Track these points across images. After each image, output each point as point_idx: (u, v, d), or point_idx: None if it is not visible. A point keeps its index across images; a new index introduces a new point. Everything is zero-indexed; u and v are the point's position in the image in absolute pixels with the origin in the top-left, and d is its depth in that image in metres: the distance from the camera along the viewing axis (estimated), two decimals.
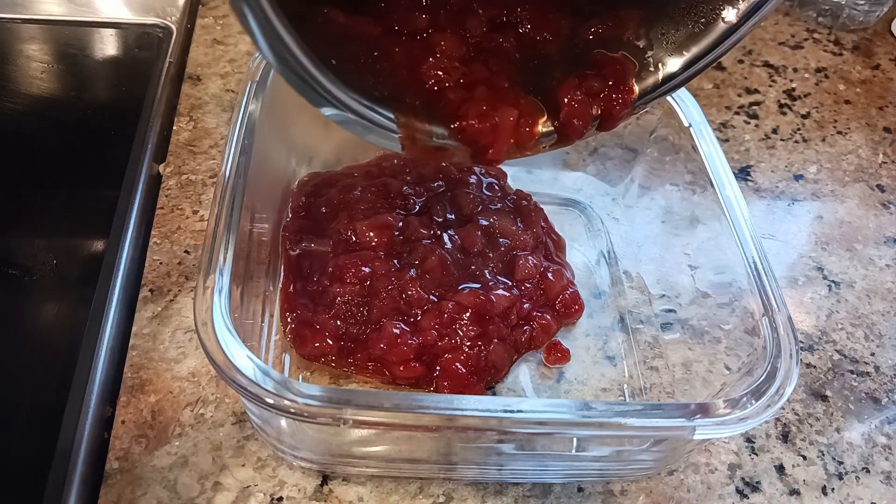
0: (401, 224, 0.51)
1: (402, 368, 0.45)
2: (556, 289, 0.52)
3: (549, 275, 0.52)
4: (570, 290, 0.52)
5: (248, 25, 0.28)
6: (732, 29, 0.36)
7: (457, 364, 0.45)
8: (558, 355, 0.49)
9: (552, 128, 0.38)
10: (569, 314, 0.52)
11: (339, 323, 0.46)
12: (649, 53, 0.39)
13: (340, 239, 0.50)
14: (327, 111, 0.33)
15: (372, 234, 0.49)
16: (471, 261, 0.51)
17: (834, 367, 0.52)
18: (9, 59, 0.67)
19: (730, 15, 0.35)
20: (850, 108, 0.74)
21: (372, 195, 0.53)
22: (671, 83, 0.39)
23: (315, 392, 0.33)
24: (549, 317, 0.50)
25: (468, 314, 0.47)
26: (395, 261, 0.49)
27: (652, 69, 0.39)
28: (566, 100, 0.37)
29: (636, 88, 0.38)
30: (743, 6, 0.35)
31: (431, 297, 0.48)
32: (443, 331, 0.46)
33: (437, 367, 0.45)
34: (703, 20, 0.37)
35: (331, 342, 0.46)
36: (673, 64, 0.38)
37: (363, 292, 0.47)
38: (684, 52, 0.38)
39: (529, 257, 0.52)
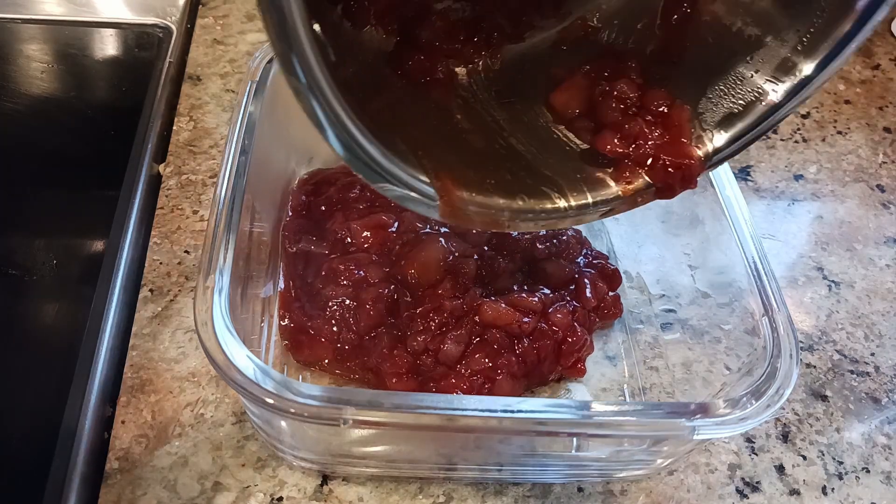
0: (395, 223, 0.49)
1: (395, 381, 0.44)
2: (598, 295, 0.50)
3: (586, 279, 0.50)
4: (611, 293, 0.51)
5: (317, 119, 0.28)
6: (774, 109, 0.35)
7: (456, 391, 0.43)
8: (570, 369, 0.48)
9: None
10: (609, 316, 0.51)
11: (334, 328, 0.46)
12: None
13: (336, 239, 0.49)
14: (381, 186, 0.33)
15: (367, 233, 0.48)
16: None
17: (834, 367, 0.52)
18: (9, 59, 0.67)
19: (769, 97, 0.35)
20: (850, 108, 0.74)
21: (371, 193, 0.53)
22: (716, 158, 0.38)
23: (315, 392, 0.33)
24: (588, 337, 0.48)
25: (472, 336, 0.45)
26: (388, 269, 0.47)
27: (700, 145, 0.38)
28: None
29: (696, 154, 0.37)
30: (782, 89, 0.34)
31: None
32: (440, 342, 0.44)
33: (433, 386, 0.44)
34: (742, 101, 0.36)
35: (327, 348, 0.46)
36: (717, 140, 0.37)
37: (357, 298, 0.46)
38: (724, 132, 0.37)
39: (560, 259, 0.50)
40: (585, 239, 0.54)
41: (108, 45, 0.70)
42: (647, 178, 0.37)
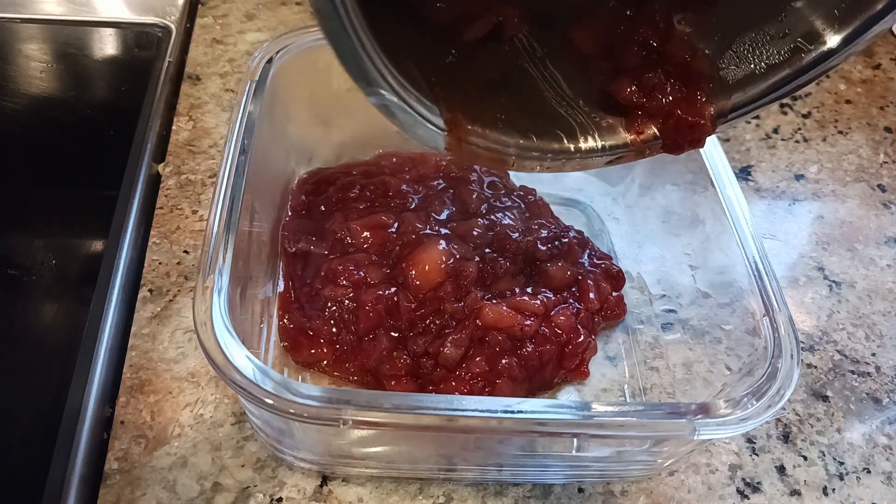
0: (395, 224, 0.49)
1: (393, 383, 0.44)
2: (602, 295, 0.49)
3: (590, 280, 0.49)
4: (615, 293, 0.51)
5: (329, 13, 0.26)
6: (795, 75, 0.34)
7: (455, 394, 0.43)
8: (574, 371, 0.47)
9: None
10: (613, 317, 0.50)
11: (333, 329, 0.45)
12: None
13: (335, 239, 0.49)
14: (374, 96, 0.31)
15: (366, 234, 0.48)
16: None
17: (835, 367, 0.52)
18: (8, 59, 0.67)
19: (793, 63, 0.34)
20: (851, 108, 0.73)
21: (371, 193, 0.52)
22: (729, 117, 0.37)
23: (315, 392, 0.33)
24: (593, 338, 0.48)
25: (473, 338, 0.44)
26: (388, 270, 0.47)
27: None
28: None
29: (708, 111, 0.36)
30: (807, 58, 0.34)
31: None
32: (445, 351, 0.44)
33: (432, 389, 0.44)
34: (764, 63, 0.35)
35: (325, 349, 0.45)
36: (733, 100, 0.36)
37: (356, 299, 0.46)
38: (742, 92, 0.36)
39: (561, 261, 0.50)
40: (588, 239, 0.54)
41: (107, 45, 0.70)
42: (657, 131, 0.36)
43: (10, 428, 0.43)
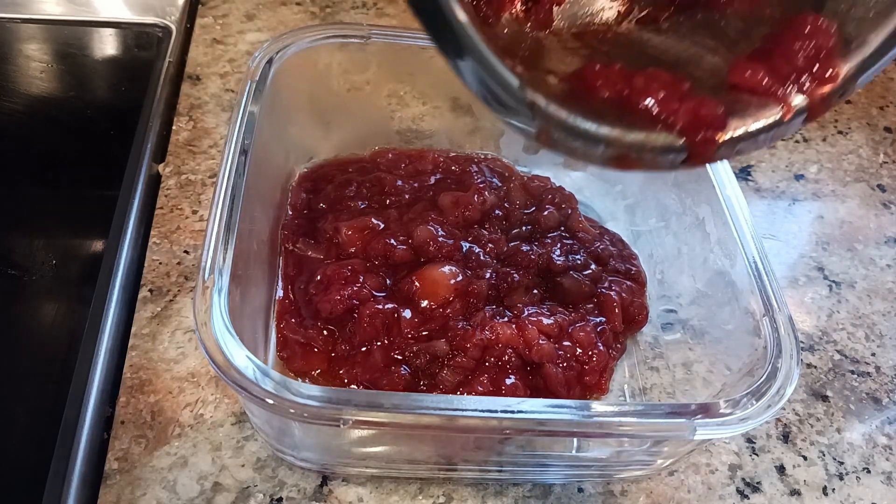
0: (381, 226, 0.48)
1: None
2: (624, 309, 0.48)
3: (613, 294, 0.48)
4: (637, 300, 0.49)
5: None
6: None
7: None
8: (593, 387, 0.46)
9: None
10: (636, 326, 0.49)
11: (328, 339, 0.45)
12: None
13: (328, 241, 0.49)
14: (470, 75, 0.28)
15: (355, 236, 0.48)
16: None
17: (834, 367, 0.52)
18: (8, 59, 0.67)
19: None
20: (851, 108, 0.73)
21: (367, 191, 0.52)
22: (868, 65, 0.31)
23: (315, 392, 0.33)
24: (613, 353, 0.47)
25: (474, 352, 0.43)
26: (391, 281, 0.47)
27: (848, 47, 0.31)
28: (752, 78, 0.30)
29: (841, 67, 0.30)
30: None
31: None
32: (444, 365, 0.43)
33: None
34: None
35: (320, 359, 0.45)
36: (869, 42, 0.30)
37: (353, 310, 0.45)
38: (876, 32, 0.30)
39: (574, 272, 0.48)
40: (616, 242, 0.53)
41: (107, 45, 0.70)
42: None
43: (10, 428, 0.43)
